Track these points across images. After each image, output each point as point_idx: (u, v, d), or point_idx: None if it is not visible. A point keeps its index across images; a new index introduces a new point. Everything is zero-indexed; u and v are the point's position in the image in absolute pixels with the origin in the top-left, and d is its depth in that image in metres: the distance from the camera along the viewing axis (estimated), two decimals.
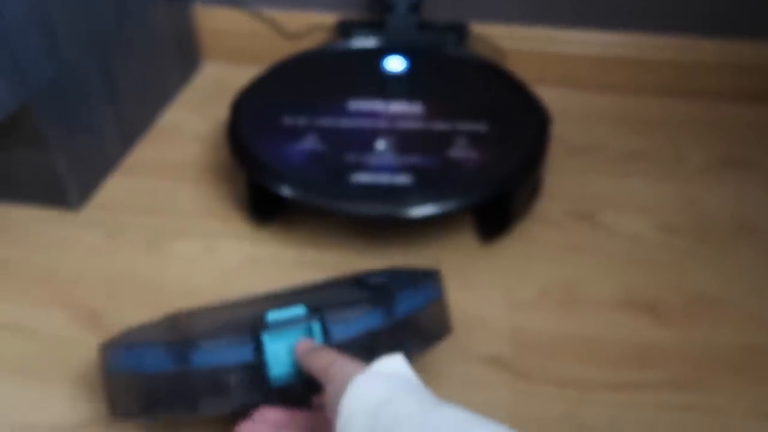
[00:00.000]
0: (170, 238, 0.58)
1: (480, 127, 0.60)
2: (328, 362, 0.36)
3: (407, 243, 0.57)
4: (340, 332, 0.39)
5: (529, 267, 0.55)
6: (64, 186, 0.58)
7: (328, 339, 0.38)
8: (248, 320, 0.40)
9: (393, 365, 0.35)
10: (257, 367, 0.38)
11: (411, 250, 0.56)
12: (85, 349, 0.48)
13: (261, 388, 0.38)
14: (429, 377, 0.46)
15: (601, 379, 0.46)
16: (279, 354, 0.38)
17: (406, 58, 0.68)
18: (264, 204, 0.58)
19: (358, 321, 0.40)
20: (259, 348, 0.38)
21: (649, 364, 0.47)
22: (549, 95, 0.78)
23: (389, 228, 0.58)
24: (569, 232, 0.58)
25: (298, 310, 0.39)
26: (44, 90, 0.54)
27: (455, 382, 0.46)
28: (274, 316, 0.39)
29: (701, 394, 0.45)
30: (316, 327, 0.38)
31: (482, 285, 0.54)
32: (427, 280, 0.44)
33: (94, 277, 0.54)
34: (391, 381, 0.34)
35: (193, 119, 0.73)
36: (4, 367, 0.47)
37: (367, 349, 0.40)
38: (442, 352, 0.48)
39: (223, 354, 0.38)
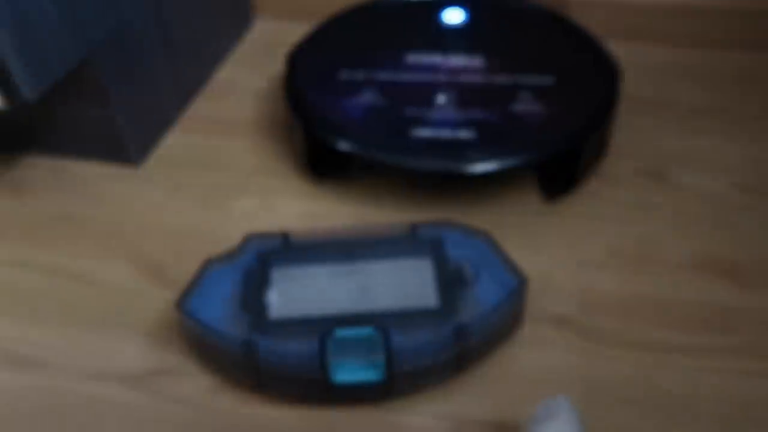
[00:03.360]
0: (228, 194, 0.58)
1: (545, 80, 0.57)
2: None
3: (467, 200, 0.56)
4: (404, 365, 0.40)
5: (596, 226, 0.53)
6: (124, 142, 0.59)
7: (390, 365, 0.40)
8: (318, 323, 0.40)
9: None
10: (321, 377, 0.40)
11: (471, 208, 0.55)
12: (152, 301, 0.49)
13: (323, 390, 0.41)
14: None
15: (677, 342, 0.44)
16: (343, 368, 0.40)
17: (465, 10, 0.66)
18: (322, 160, 0.57)
19: (425, 345, 0.40)
20: (324, 366, 0.39)
21: (729, 329, 0.45)
22: (615, 48, 0.74)
23: (449, 184, 0.57)
24: (639, 190, 0.56)
25: (365, 331, 0.40)
26: (105, 44, 0.54)
27: (521, 342, 0.45)
28: (342, 334, 0.40)
29: None
30: (379, 361, 0.40)
31: (547, 244, 0.52)
32: (507, 269, 0.43)
33: (157, 231, 0.54)
34: None
35: (247, 75, 0.72)
36: (76, 316, 0.48)
37: (429, 369, 0.41)
38: None
39: (288, 358, 0.39)
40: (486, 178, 0.57)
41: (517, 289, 0.42)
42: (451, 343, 0.40)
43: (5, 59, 0.42)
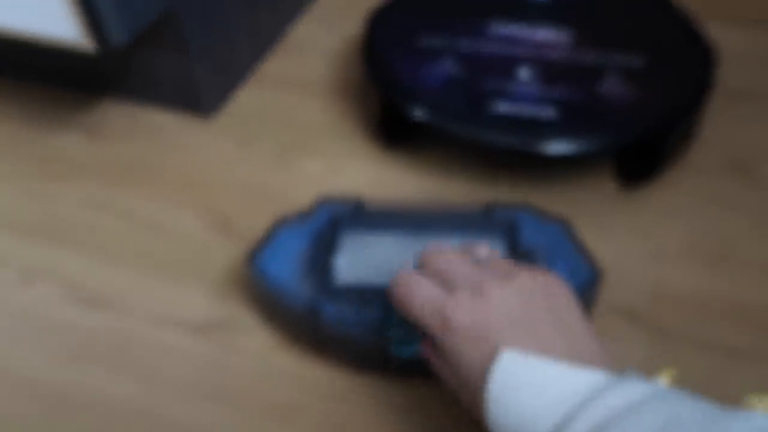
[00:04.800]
0: (298, 153, 0.58)
1: (635, 61, 0.54)
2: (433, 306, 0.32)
3: (541, 180, 0.54)
4: None
5: (675, 218, 0.51)
6: (200, 93, 0.59)
7: None
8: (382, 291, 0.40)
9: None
10: (381, 347, 0.39)
11: (545, 188, 0.53)
12: (219, 253, 0.50)
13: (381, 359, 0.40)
14: None
15: (752, 346, 0.42)
16: (403, 340, 0.39)
17: None
18: (395, 127, 0.56)
19: None
20: (385, 337, 0.39)
21: None
22: (714, 31, 0.70)
23: (523, 163, 0.55)
24: (724, 184, 0.53)
25: None
26: None
27: None
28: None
29: None
30: None
31: (621, 232, 0.50)
32: (583, 259, 0.41)
33: (225, 184, 0.55)
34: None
35: (322, 34, 0.71)
36: (145, 261, 0.49)
37: None
38: None
39: (350, 325, 0.39)
40: (564, 159, 0.55)
41: (590, 281, 0.41)
42: None
43: (99, 5, 0.43)
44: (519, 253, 0.41)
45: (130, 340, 0.45)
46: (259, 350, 0.44)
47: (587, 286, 0.40)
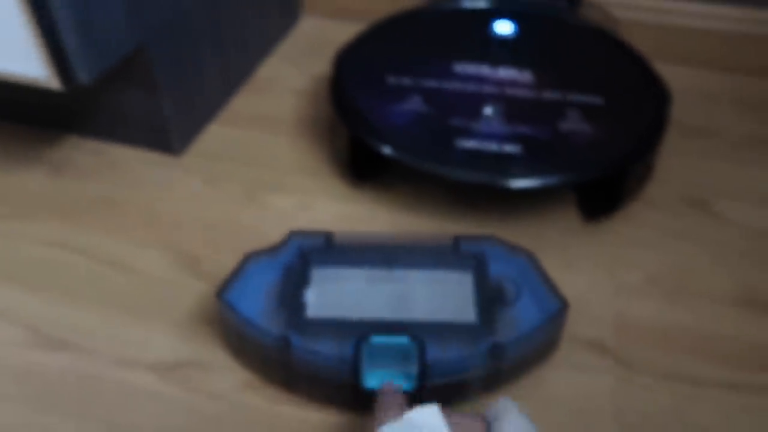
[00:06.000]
0: (267, 190, 0.58)
1: (594, 100, 0.56)
2: (379, 410, 0.35)
3: (507, 214, 0.55)
4: (436, 377, 0.39)
5: (636, 252, 0.52)
6: (168, 130, 0.59)
7: (423, 377, 0.39)
8: (354, 328, 0.40)
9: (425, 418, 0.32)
10: (353, 381, 0.39)
11: (510, 222, 0.54)
12: (186, 291, 0.49)
13: (352, 394, 0.40)
14: None
15: (714, 376, 0.44)
16: (375, 374, 0.39)
17: (514, 22, 0.65)
18: (363, 163, 0.57)
19: (459, 360, 0.39)
20: (357, 371, 0.39)
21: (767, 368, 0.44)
22: (664, 72, 0.73)
23: (489, 197, 0.56)
24: (681, 218, 0.55)
25: (401, 340, 0.39)
26: (159, 32, 0.54)
27: (554, 364, 0.44)
28: (377, 340, 0.40)
29: None
30: (412, 372, 0.39)
31: (585, 266, 0.51)
32: (549, 295, 0.42)
33: (194, 222, 0.55)
34: None
35: (291, 73, 0.72)
36: (111, 301, 0.49)
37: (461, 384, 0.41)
38: None
39: (321, 359, 0.39)
40: (527, 193, 0.57)
41: (557, 313, 0.41)
42: (485, 361, 0.40)
43: (65, 41, 0.43)
44: (489, 285, 0.42)
45: (95, 382, 0.44)
46: (229, 390, 0.43)
47: (554, 319, 0.41)
